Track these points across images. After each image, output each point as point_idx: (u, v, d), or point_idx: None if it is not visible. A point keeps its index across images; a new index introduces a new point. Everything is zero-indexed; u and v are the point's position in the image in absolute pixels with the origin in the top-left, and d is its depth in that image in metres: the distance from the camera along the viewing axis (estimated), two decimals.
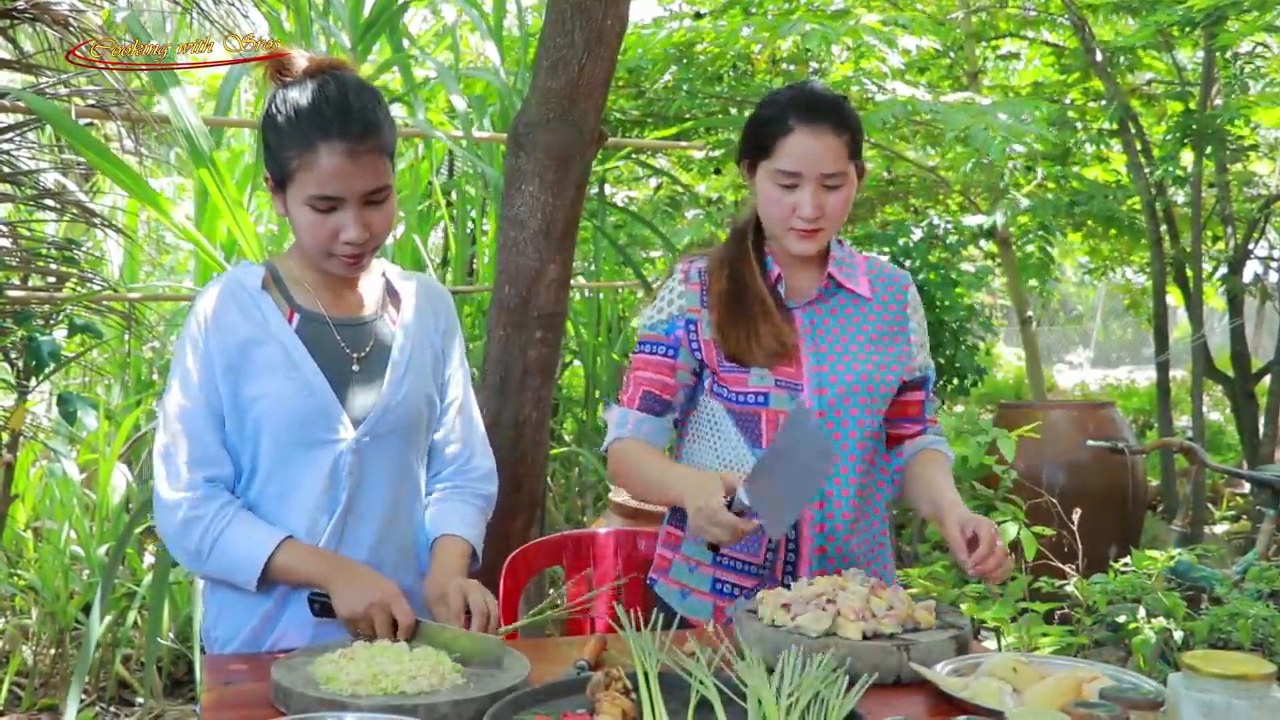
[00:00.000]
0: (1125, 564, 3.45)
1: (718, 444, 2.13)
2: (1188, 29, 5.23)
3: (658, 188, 7.32)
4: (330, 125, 1.76)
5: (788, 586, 1.93)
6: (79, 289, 3.53)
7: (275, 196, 1.86)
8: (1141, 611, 3.19)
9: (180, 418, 1.84)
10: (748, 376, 2.08)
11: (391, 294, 2.00)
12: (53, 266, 3.47)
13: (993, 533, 1.93)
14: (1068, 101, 6.30)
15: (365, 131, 1.78)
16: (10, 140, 3.37)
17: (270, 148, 1.83)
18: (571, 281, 3.18)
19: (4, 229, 3.34)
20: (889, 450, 2.22)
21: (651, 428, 2.13)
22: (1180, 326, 11.18)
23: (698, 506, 1.84)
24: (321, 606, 1.82)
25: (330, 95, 1.79)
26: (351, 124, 1.77)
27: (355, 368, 1.90)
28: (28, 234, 3.52)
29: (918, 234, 5.11)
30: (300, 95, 1.80)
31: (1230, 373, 6.33)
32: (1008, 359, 13.56)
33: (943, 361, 5.17)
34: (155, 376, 4.49)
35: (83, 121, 3.39)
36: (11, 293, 3.23)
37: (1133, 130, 5.83)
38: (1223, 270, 6.31)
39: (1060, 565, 3.54)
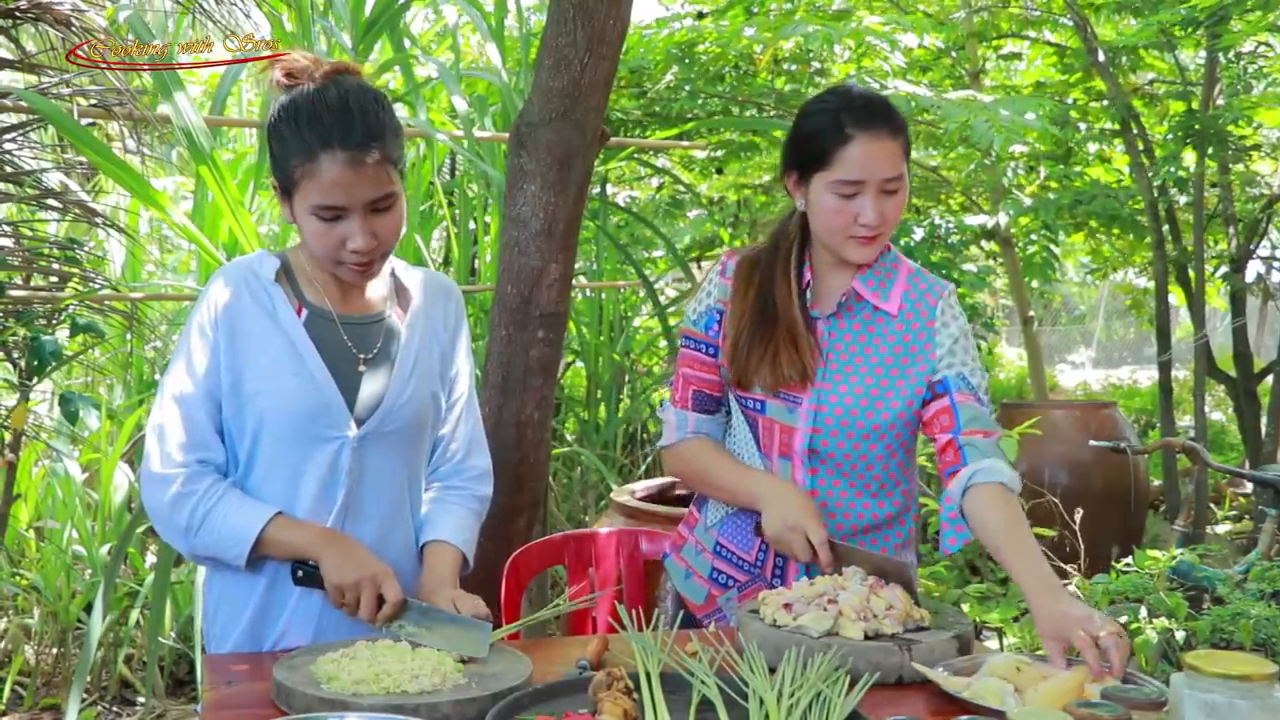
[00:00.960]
0: (1127, 564, 3.44)
1: (734, 441, 2.15)
2: (1190, 29, 5.22)
3: (660, 187, 7.32)
4: (331, 134, 1.74)
5: (774, 586, 1.93)
6: (81, 288, 3.53)
7: (282, 204, 1.85)
8: (1144, 611, 3.18)
9: (179, 400, 1.83)
10: (748, 388, 2.08)
11: (400, 291, 2.00)
12: (55, 266, 3.47)
13: (1113, 639, 1.64)
14: (1070, 101, 6.29)
15: (367, 139, 1.76)
16: (13, 140, 3.37)
17: (275, 156, 1.81)
18: (573, 281, 3.17)
19: (6, 229, 3.34)
20: (943, 486, 2.02)
21: (710, 427, 2.15)
22: (1182, 326, 11.17)
23: (792, 522, 1.93)
24: (305, 574, 1.80)
25: (331, 102, 1.77)
26: (353, 132, 1.75)
27: (361, 367, 1.90)
28: (30, 234, 3.53)
29: (919, 234, 5.11)
30: (302, 102, 1.78)
31: (1232, 372, 6.32)
32: (1010, 359, 13.55)
33: None
34: (157, 376, 4.49)
35: (85, 121, 3.39)
36: (14, 292, 3.23)
37: (1135, 130, 5.83)
38: (1224, 269, 6.31)
39: (1063, 565, 3.54)
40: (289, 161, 1.78)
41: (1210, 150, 5.66)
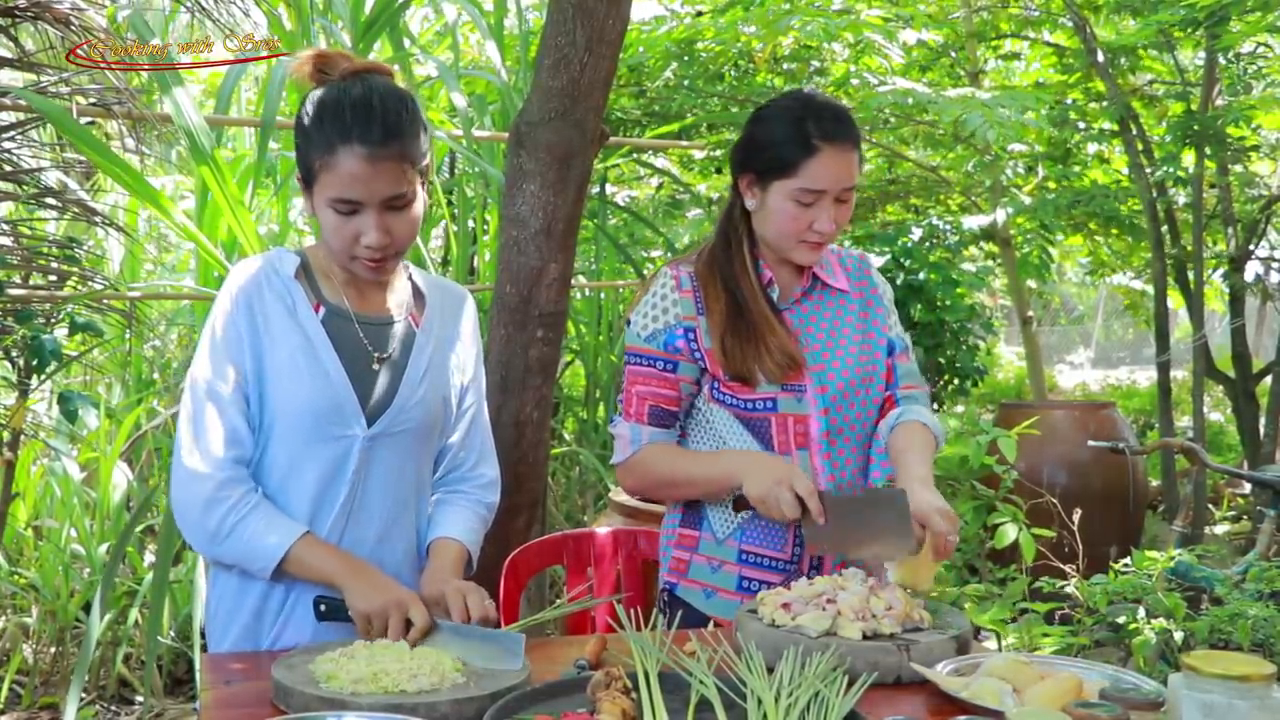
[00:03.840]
0: (1126, 564, 3.45)
1: (730, 447, 2.13)
2: (1189, 29, 5.22)
3: (659, 187, 7.32)
4: (350, 129, 1.77)
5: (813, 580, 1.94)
6: (80, 287, 3.53)
7: (305, 196, 1.87)
8: (1142, 612, 3.19)
9: (209, 394, 1.84)
10: (753, 383, 2.09)
11: (417, 296, 2.01)
12: (54, 265, 3.46)
13: (945, 518, 1.90)
14: (1069, 102, 6.29)
15: (386, 136, 1.77)
16: (12, 139, 3.37)
17: (299, 148, 1.84)
18: (572, 281, 3.17)
19: (5, 227, 3.34)
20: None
21: (665, 440, 2.15)
22: (1181, 327, 11.18)
23: (778, 477, 1.94)
24: (327, 608, 1.81)
25: (354, 98, 1.79)
26: (372, 128, 1.77)
27: (375, 366, 1.91)
28: (29, 232, 3.52)
29: (918, 234, 5.12)
30: (326, 97, 1.81)
31: (1231, 373, 6.33)
32: (1008, 359, 13.56)
33: (943, 361, 5.16)
34: (156, 375, 4.49)
35: (83, 120, 3.39)
36: (13, 291, 3.22)
37: (1134, 131, 5.83)
38: (1223, 270, 6.31)
39: (1061, 565, 3.54)
40: (310, 154, 1.80)
41: (1209, 151, 5.67)
